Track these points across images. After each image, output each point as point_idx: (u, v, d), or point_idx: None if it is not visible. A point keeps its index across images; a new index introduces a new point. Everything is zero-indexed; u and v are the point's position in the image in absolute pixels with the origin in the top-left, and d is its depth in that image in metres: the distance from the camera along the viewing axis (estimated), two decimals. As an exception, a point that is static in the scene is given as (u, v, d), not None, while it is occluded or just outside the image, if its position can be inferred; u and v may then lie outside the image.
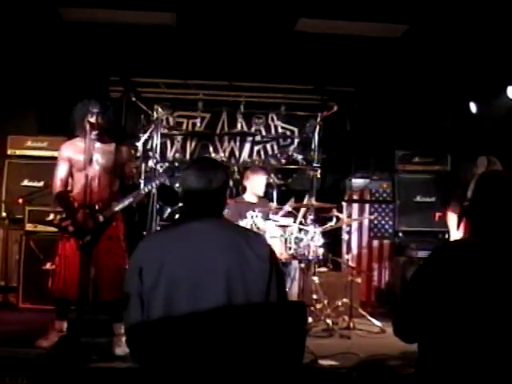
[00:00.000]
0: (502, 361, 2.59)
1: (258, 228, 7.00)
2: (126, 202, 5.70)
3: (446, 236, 7.44)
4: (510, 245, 2.72)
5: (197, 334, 2.87)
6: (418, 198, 9.14)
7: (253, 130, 9.63)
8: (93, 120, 5.54)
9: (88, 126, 5.46)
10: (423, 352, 2.78)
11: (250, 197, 7.84)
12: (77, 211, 5.59)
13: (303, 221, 7.43)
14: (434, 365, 2.70)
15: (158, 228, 7.29)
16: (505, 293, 2.62)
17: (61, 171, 5.85)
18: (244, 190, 7.96)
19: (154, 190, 6.41)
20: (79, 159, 5.67)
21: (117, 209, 5.67)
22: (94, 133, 5.61)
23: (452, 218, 6.60)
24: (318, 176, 7.86)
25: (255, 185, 7.83)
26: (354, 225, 9.00)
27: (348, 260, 8.13)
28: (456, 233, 6.52)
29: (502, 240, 2.73)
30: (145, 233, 7.33)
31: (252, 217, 7.07)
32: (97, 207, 5.62)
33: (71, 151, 5.82)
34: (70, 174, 5.82)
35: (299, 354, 3.64)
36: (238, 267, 2.93)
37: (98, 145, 5.72)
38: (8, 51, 8.23)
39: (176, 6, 7.46)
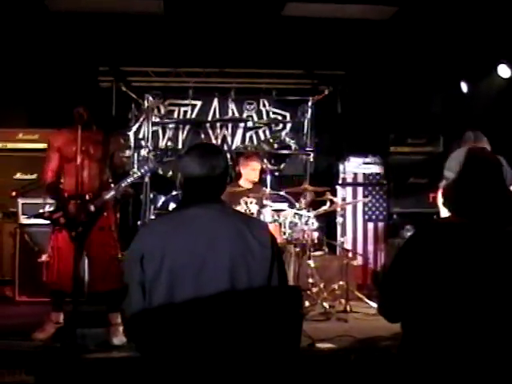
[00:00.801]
0: (487, 343, 2.58)
1: (252, 214, 7.01)
2: (115, 192, 5.67)
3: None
4: (496, 225, 2.71)
5: (200, 321, 2.87)
6: (412, 180, 9.14)
7: (244, 115, 9.64)
8: (81, 110, 5.50)
9: (77, 117, 5.43)
10: (407, 333, 2.78)
11: (244, 183, 7.80)
12: (68, 202, 5.56)
13: (300, 205, 7.44)
14: (418, 346, 2.69)
15: (153, 217, 7.28)
16: (490, 273, 2.62)
17: (51, 162, 5.81)
18: (239, 176, 7.92)
19: (146, 178, 6.39)
20: (69, 150, 5.62)
21: (107, 198, 5.64)
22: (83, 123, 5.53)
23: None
24: (311, 160, 7.86)
25: (250, 171, 7.77)
26: (349, 208, 9.00)
27: (343, 243, 8.15)
28: (446, 213, 6.40)
29: (488, 219, 2.71)
30: (139, 223, 7.32)
31: (246, 203, 7.07)
32: (87, 197, 5.58)
33: (61, 142, 5.78)
34: (60, 164, 5.80)
35: (296, 338, 3.64)
36: (241, 254, 2.91)
37: (87, 135, 5.59)
38: (-5, 44, 8.21)
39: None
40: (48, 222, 5.77)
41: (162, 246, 2.92)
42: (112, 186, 5.75)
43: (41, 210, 6.83)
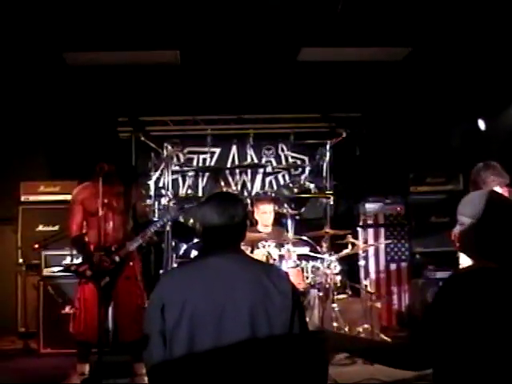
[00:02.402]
0: None
1: (274, 260, 7.00)
2: (140, 241, 5.72)
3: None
4: None
5: (220, 369, 2.85)
6: (433, 219, 9.10)
7: (263, 161, 9.65)
8: (102, 165, 5.55)
9: (97, 170, 5.48)
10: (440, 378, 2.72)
11: (261, 228, 7.82)
12: (93, 254, 5.61)
13: (321, 249, 7.42)
14: None
15: (175, 265, 7.28)
16: None
17: (75, 216, 5.90)
18: (257, 221, 7.93)
19: (167, 227, 6.42)
20: (92, 203, 5.67)
21: (132, 248, 5.69)
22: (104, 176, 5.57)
23: None
24: (331, 203, 7.86)
25: (262, 215, 7.82)
26: (371, 249, 8.96)
27: (366, 285, 8.09)
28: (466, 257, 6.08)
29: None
30: (161, 271, 7.32)
31: (265, 247, 7.06)
32: (113, 248, 5.64)
33: (84, 196, 5.86)
34: (84, 217, 5.86)
35: (322, 383, 3.60)
36: (261, 302, 2.92)
37: (108, 188, 5.66)
38: (15, 98, 8.34)
39: (179, 44, 7.52)
40: (74, 274, 5.80)
41: (183, 294, 2.93)
42: (135, 235, 5.79)
43: (65, 262, 6.87)
